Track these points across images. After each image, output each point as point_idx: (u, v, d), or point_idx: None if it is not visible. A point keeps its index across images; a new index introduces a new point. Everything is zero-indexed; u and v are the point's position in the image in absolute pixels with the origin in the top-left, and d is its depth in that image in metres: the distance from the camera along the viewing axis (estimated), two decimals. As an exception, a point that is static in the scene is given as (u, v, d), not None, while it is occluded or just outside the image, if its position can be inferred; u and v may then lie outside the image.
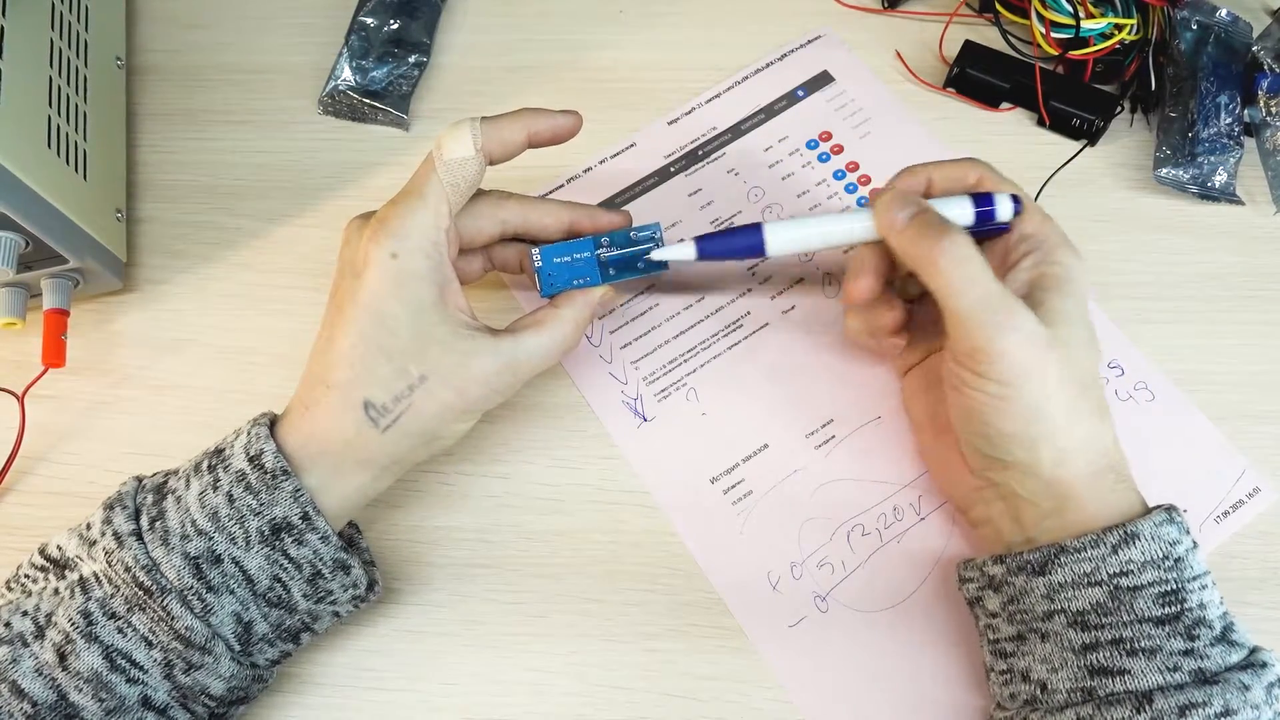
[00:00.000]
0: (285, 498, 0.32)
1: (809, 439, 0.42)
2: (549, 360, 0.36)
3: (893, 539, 0.40)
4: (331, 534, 0.33)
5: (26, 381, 0.42)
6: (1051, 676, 0.32)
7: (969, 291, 0.33)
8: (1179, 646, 0.31)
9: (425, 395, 0.33)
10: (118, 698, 0.31)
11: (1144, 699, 0.30)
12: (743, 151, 0.49)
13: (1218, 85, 0.47)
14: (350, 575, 0.34)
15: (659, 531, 0.41)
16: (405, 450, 0.34)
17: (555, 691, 0.38)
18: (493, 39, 0.53)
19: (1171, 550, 0.32)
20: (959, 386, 0.34)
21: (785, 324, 0.44)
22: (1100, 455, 0.34)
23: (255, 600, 0.33)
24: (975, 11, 0.52)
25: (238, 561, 0.32)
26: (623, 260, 0.38)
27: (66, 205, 0.40)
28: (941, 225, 0.34)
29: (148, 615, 0.31)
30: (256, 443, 0.33)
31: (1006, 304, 0.32)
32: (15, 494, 0.42)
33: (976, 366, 0.33)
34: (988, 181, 0.37)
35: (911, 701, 0.37)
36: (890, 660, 0.38)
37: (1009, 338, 0.32)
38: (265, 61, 0.52)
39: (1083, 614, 0.32)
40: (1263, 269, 0.45)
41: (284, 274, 0.46)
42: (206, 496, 0.32)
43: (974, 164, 0.38)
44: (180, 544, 0.32)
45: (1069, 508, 0.33)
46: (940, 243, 0.33)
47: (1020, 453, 0.34)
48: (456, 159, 0.34)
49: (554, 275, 0.37)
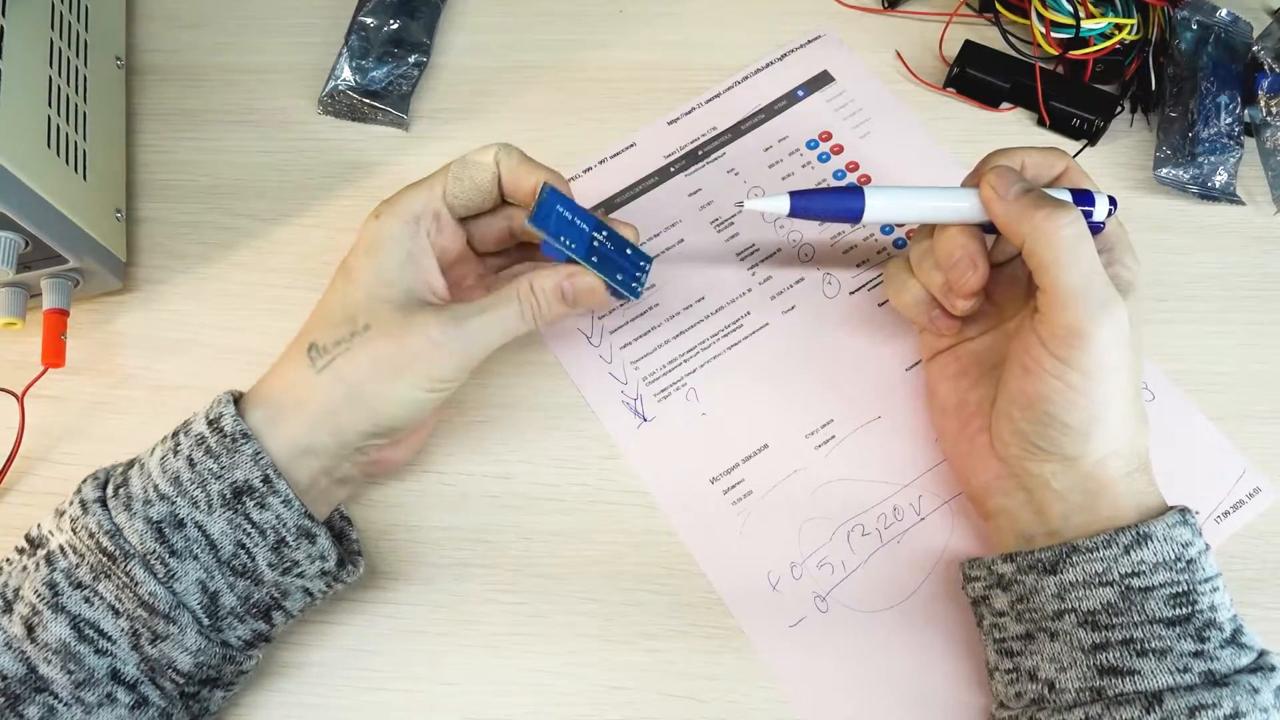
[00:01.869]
0: (245, 460, 0.32)
1: (809, 439, 0.42)
2: (503, 328, 0.35)
3: (893, 539, 0.40)
4: (294, 498, 0.33)
5: (26, 381, 0.42)
6: (1060, 676, 0.32)
7: (1080, 268, 0.32)
8: (1189, 648, 0.31)
9: (363, 342, 0.33)
10: (86, 669, 0.31)
11: (1154, 699, 0.30)
12: (743, 151, 0.49)
13: (1218, 85, 0.47)
14: (316, 545, 0.34)
15: (659, 531, 0.41)
16: (337, 400, 0.33)
17: (555, 691, 0.38)
18: (493, 39, 0.53)
19: (1184, 552, 0.32)
20: (1035, 369, 0.34)
21: (785, 324, 0.44)
22: (1134, 458, 0.34)
23: (220, 568, 0.33)
24: (975, 11, 0.52)
25: (200, 525, 0.32)
26: (609, 256, 0.37)
27: (66, 205, 0.40)
28: (1058, 201, 0.34)
29: (113, 583, 0.32)
30: (216, 408, 0.33)
31: (1112, 291, 0.33)
32: (15, 494, 0.42)
33: (1066, 350, 0.33)
34: (1073, 173, 0.37)
35: (912, 701, 0.37)
36: (890, 660, 0.38)
37: (1107, 325, 0.32)
38: (265, 61, 0.52)
39: (1093, 614, 0.32)
40: (1263, 269, 0.45)
41: (284, 274, 0.47)
42: (168, 461, 0.33)
43: (1061, 154, 0.38)
44: (143, 509, 0.32)
45: (1101, 504, 0.34)
46: (1058, 216, 0.33)
47: (1070, 446, 0.34)
48: (471, 159, 0.36)
49: (549, 216, 0.36)
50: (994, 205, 0.35)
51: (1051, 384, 0.33)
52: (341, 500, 0.37)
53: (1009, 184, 0.35)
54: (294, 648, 0.39)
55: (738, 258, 0.46)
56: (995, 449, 0.37)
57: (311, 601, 0.36)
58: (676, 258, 0.46)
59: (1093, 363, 0.33)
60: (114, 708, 0.32)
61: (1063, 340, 0.33)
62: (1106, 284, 0.33)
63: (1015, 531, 0.36)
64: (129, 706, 0.32)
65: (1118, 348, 0.33)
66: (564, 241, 0.35)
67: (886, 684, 0.38)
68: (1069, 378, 0.33)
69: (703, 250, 0.46)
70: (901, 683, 0.38)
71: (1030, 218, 0.33)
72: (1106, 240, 0.36)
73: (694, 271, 0.46)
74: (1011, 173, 0.35)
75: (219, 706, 0.35)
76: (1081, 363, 0.33)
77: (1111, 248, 0.36)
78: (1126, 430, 0.34)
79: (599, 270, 0.36)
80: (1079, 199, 0.36)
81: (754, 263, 0.46)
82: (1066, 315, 0.33)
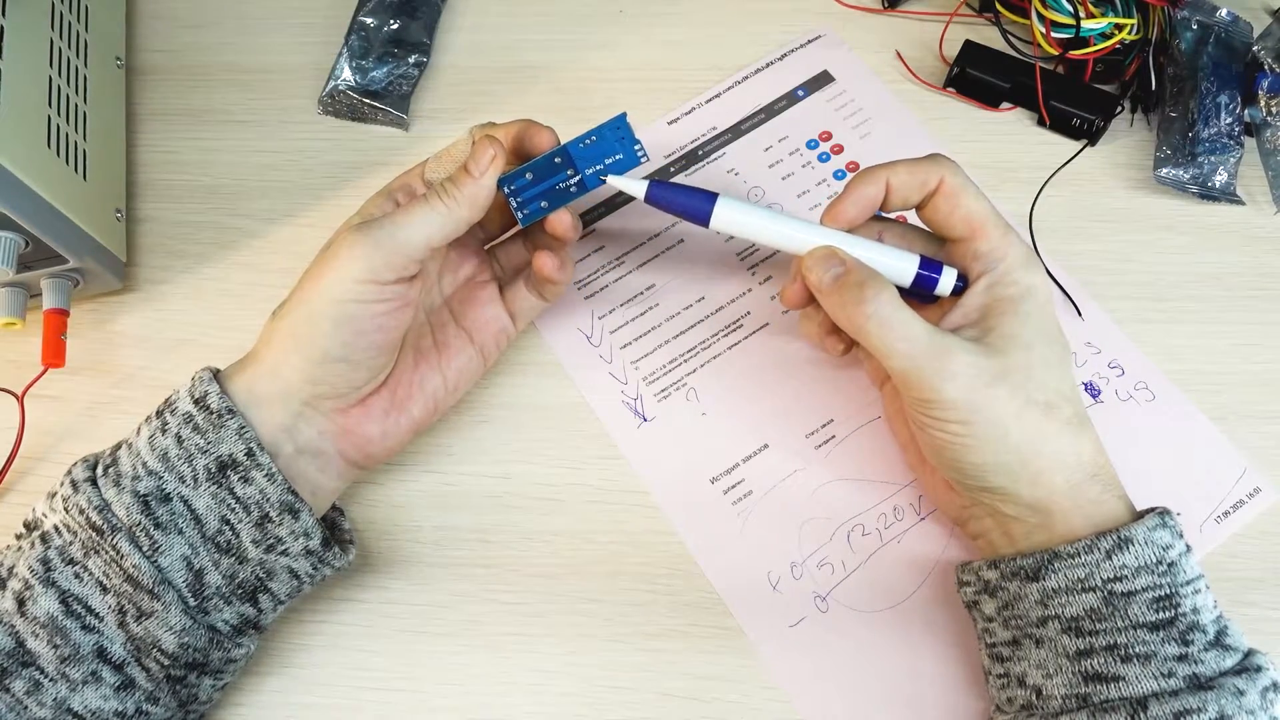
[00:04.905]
0: (230, 435, 0.33)
1: (809, 439, 0.42)
2: (428, 227, 0.34)
3: (893, 539, 0.40)
4: (277, 472, 0.33)
5: (26, 381, 0.42)
6: (1046, 682, 0.32)
7: (899, 352, 0.33)
8: (1173, 652, 0.31)
9: (305, 276, 0.35)
10: (72, 645, 0.31)
11: (1139, 705, 0.30)
12: (743, 151, 0.49)
13: (1218, 85, 0.47)
14: (299, 521, 0.34)
15: (659, 531, 0.41)
16: (284, 332, 0.34)
17: (555, 691, 0.38)
18: (493, 39, 0.53)
19: (1165, 555, 0.32)
20: (918, 427, 0.34)
21: (785, 324, 0.44)
22: (1077, 468, 0.33)
23: (205, 544, 0.33)
24: (975, 11, 0.52)
25: (186, 500, 0.33)
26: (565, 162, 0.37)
27: (66, 205, 0.40)
28: (863, 286, 0.33)
29: (102, 558, 0.32)
30: (200, 385, 0.34)
31: (939, 354, 0.32)
32: (15, 494, 0.42)
33: (930, 411, 0.33)
34: (949, 183, 0.35)
35: (911, 702, 0.37)
36: (890, 660, 0.38)
37: (948, 386, 0.32)
38: (265, 61, 0.52)
39: (1077, 620, 0.32)
40: (1263, 269, 0.45)
41: (284, 274, 0.46)
42: (156, 439, 0.34)
43: (937, 163, 0.36)
44: (131, 484, 0.33)
45: (1054, 522, 0.33)
46: (863, 309, 0.33)
47: (994, 479, 0.33)
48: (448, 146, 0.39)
49: (512, 179, 0.37)
50: (818, 297, 0.35)
51: (937, 436, 0.34)
52: (317, 480, 0.36)
53: (821, 273, 0.35)
54: (294, 648, 0.39)
55: (738, 258, 0.46)
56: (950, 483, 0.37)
57: (299, 586, 0.36)
58: (676, 258, 0.46)
59: (958, 414, 0.33)
60: (99, 687, 0.32)
61: (924, 406, 0.33)
62: (932, 348, 0.32)
63: (994, 554, 0.36)
64: (114, 687, 0.32)
65: (977, 391, 0.32)
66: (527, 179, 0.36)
67: (886, 684, 0.38)
68: (949, 429, 0.33)
69: (703, 250, 0.46)
70: (901, 683, 0.38)
71: (842, 310, 0.34)
72: (992, 259, 0.35)
73: (694, 271, 0.46)
74: (825, 258, 0.35)
75: (209, 696, 0.35)
76: (951, 416, 0.33)
77: (996, 265, 0.35)
78: (1047, 446, 0.33)
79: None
80: (924, 267, 0.36)
81: (754, 263, 0.46)
82: (909, 390, 0.33)
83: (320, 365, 0.34)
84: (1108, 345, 0.44)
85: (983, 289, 0.35)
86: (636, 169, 0.37)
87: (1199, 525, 0.40)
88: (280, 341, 0.35)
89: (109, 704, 0.32)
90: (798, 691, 0.38)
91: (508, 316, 0.40)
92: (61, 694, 0.32)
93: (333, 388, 0.35)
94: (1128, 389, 0.43)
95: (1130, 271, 0.45)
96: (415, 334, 0.39)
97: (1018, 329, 0.33)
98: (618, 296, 0.45)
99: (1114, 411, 0.42)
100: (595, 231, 0.47)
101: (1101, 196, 0.47)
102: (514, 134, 0.37)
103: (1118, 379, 0.43)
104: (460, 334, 0.40)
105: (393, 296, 0.35)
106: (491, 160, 0.35)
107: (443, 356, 0.39)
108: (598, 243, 0.47)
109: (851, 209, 0.36)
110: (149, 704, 0.33)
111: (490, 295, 0.40)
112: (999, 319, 0.34)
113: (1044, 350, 0.34)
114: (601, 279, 0.46)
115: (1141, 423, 0.42)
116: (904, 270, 0.36)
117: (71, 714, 0.32)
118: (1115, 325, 0.44)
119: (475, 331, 0.40)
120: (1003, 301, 0.34)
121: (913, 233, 0.38)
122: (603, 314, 0.45)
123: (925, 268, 0.36)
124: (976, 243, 0.35)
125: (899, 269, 0.36)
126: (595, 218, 0.47)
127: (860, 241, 0.36)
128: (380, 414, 0.37)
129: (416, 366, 0.38)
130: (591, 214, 0.47)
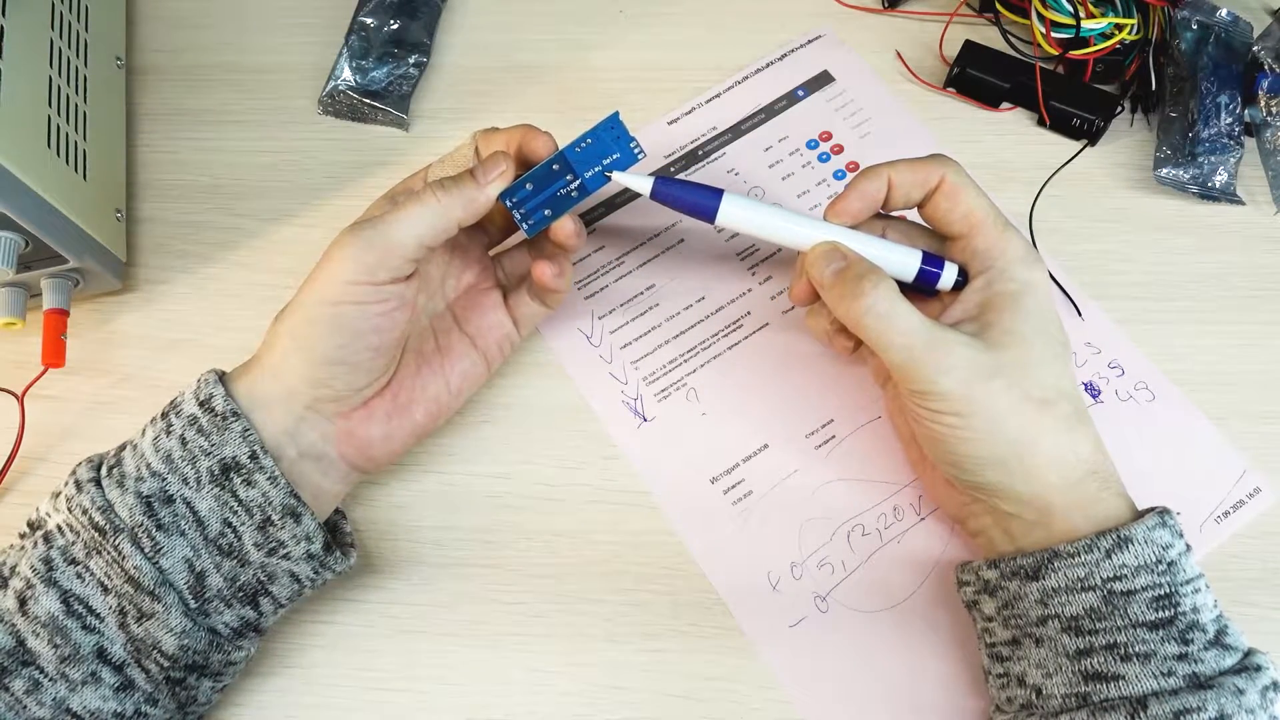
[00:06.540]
0: (234, 437, 0.33)
1: (809, 439, 0.42)
2: (420, 224, 0.34)
3: (893, 539, 0.40)
4: (280, 476, 0.33)
5: (26, 381, 0.42)
6: (1046, 682, 0.32)
7: (896, 345, 0.33)
8: (1173, 651, 0.31)
9: (306, 278, 0.35)
10: (73, 644, 0.32)
11: (1139, 705, 0.30)
12: (743, 151, 0.49)
13: (1218, 85, 0.47)
14: (301, 525, 0.34)
15: (659, 531, 0.41)
16: (284, 335, 0.34)
17: (555, 691, 0.38)
18: (493, 39, 0.53)
19: (1165, 554, 0.32)
20: (916, 419, 0.35)
21: (785, 324, 0.44)
22: (1075, 466, 0.33)
23: (206, 546, 0.33)
24: (975, 11, 0.52)
25: (189, 502, 0.33)
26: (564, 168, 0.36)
27: (66, 205, 0.40)
28: (861, 280, 0.34)
29: (104, 559, 0.32)
30: (205, 388, 0.34)
31: (936, 347, 0.33)
32: (15, 494, 0.42)
33: (928, 404, 0.33)
34: (950, 181, 0.36)
35: (911, 702, 0.37)
36: (890, 660, 0.38)
37: (944, 379, 0.32)
38: (265, 61, 0.52)
39: (1076, 619, 0.32)
40: (1263, 269, 0.45)
41: (284, 274, 0.46)
42: (160, 441, 0.34)
43: (938, 163, 0.36)
44: (135, 485, 0.33)
45: (1053, 518, 0.33)
46: (862, 302, 0.33)
47: (989, 473, 0.34)
48: (465, 142, 0.39)
49: (514, 191, 0.36)
50: (819, 292, 0.36)
51: (933, 429, 0.34)
52: (319, 484, 0.36)
53: (823, 268, 0.35)
54: (294, 648, 0.39)
55: (738, 258, 0.46)
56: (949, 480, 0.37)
57: (300, 590, 0.36)
58: (676, 258, 0.46)
59: (954, 406, 0.33)
60: (98, 687, 0.32)
61: (920, 398, 0.33)
62: (930, 341, 0.33)
63: (994, 551, 0.36)
64: (114, 688, 0.32)
65: (973, 385, 0.32)
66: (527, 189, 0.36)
67: (886, 684, 0.38)
68: (944, 420, 0.33)
69: (703, 250, 0.46)
70: (901, 683, 0.38)
71: (841, 304, 0.34)
72: (990, 256, 0.35)
73: (694, 271, 0.46)
74: (826, 254, 0.35)
75: (209, 698, 0.35)
76: (946, 408, 0.33)
77: (995, 263, 0.35)
78: (1043, 442, 0.33)
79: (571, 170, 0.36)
80: (927, 261, 0.36)
81: (754, 263, 0.46)
82: (908, 382, 0.33)
83: (319, 368, 0.34)
84: (1108, 345, 0.44)
85: (982, 285, 0.35)
86: (637, 166, 0.37)
87: (1199, 525, 0.40)
88: (281, 345, 0.35)
89: (108, 705, 0.32)
90: (798, 691, 0.38)
91: (511, 322, 0.40)
92: (61, 694, 0.32)
93: (334, 390, 0.35)
94: (1128, 389, 0.43)
95: (1130, 271, 0.45)
96: (418, 338, 0.39)
97: (1017, 324, 0.34)
98: (618, 297, 0.45)
99: (1114, 411, 0.42)
100: (595, 231, 0.47)
101: (1102, 196, 0.47)
102: (515, 141, 0.37)
103: (1118, 379, 0.43)
104: (463, 339, 0.40)
105: (388, 297, 0.34)
106: (500, 175, 0.35)
107: (445, 361, 0.39)
108: (598, 243, 0.47)
109: (855, 204, 0.36)
110: (148, 705, 0.33)
111: (494, 301, 0.40)
112: (998, 314, 0.34)
113: (1042, 346, 0.34)
114: (601, 279, 0.46)
115: (1141, 423, 0.42)
116: (907, 265, 0.36)
117: (70, 714, 0.32)
118: (1115, 325, 0.44)
119: (478, 337, 0.40)
120: (1002, 297, 0.34)
121: (915, 230, 0.39)
122: (603, 314, 0.45)
123: (928, 262, 0.36)
124: (976, 239, 0.36)
125: (902, 264, 0.36)
126: (595, 218, 0.47)
127: (863, 237, 0.36)
128: (382, 417, 0.37)
129: (419, 371, 0.38)
130: (591, 214, 0.47)
